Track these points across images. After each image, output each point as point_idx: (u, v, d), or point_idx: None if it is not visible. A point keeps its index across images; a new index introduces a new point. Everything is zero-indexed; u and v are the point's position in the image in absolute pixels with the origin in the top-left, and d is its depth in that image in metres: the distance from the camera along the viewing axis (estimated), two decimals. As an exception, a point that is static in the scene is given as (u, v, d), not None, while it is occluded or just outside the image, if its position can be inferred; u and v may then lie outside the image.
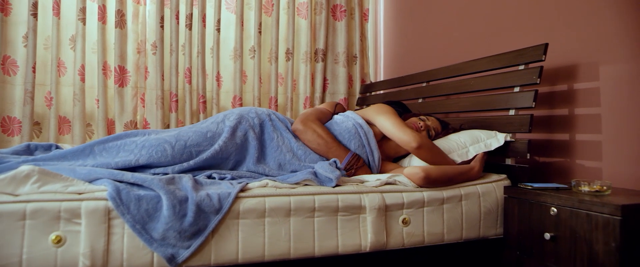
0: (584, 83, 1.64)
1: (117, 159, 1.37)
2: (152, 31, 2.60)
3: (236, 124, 1.55)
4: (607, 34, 1.56)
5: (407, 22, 2.89)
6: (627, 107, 1.50)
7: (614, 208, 1.12)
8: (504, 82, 1.71)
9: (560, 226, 1.27)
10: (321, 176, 1.41)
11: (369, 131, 1.65)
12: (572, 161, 1.69)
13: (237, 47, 2.76)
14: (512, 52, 1.72)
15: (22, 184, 1.12)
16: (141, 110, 2.62)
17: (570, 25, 1.69)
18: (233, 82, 2.81)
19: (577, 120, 1.67)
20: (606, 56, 1.56)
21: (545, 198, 1.31)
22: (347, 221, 1.36)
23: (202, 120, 1.63)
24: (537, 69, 1.57)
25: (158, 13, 2.54)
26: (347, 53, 3.05)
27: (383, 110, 1.68)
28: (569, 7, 1.70)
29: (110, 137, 1.44)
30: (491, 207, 1.53)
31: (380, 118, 1.65)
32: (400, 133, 1.54)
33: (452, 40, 2.40)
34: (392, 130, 1.56)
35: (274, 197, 1.29)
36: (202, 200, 1.19)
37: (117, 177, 1.20)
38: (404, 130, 1.53)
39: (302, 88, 2.99)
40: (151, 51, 2.59)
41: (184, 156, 1.44)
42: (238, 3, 2.76)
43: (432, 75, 2.26)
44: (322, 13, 2.98)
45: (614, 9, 1.54)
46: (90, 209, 1.12)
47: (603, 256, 1.15)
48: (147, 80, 2.61)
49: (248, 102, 2.87)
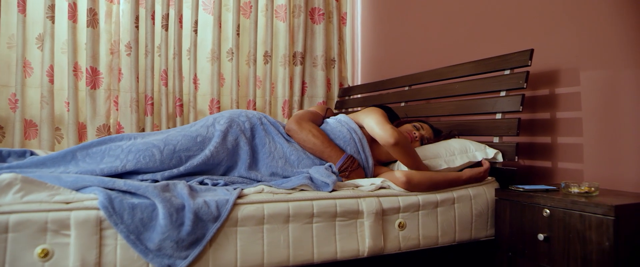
0: (565, 88, 1.71)
1: (102, 165, 1.30)
2: (126, 31, 2.49)
3: (227, 128, 1.49)
4: (588, 42, 1.63)
5: (385, 27, 2.92)
6: (607, 111, 1.57)
7: (608, 209, 1.16)
8: (490, 87, 1.75)
9: (553, 227, 1.30)
10: (317, 180, 1.39)
11: (362, 137, 1.63)
12: (554, 163, 1.75)
13: (214, 49, 2.70)
14: (497, 57, 1.76)
15: (2, 193, 1.03)
16: (115, 114, 2.50)
17: (551, 33, 1.75)
18: (210, 84, 2.74)
19: (559, 124, 1.73)
20: (587, 63, 1.63)
21: (538, 200, 1.35)
22: (345, 226, 1.34)
23: (191, 123, 1.56)
24: (523, 73, 1.62)
25: (133, 13, 2.44)
26: (326, 56, 3.05)
27: (371, 111, 1.66)
28: (550, 15, 1.76)
29: (94, 142, 1.36)
30: (482, 209, 1.56)
31: (366, 119, 1.61)
32: (379, 129, 1.49)
33: (431, 45, 2.44)
34: (373, 126, 1.52)
35: (272, 204, 1.25)
36: (199, 208, 1.14)
37: (108, 185, 1.13)
38: (383, 127, 1.49)
39: (280, 91, 2.96)
40: (125, 52, 2.48)
41: (173, 161, 1.37)
42: (216, 4, 2.70)
43: (414, 79, 2.28)
44: (300, 16, 2.96)
45: (594, 17, 1.61)
46: (81, 220, 1.04)
47: (597, 254, 1.19)
48: (121, 82, 2.49)
49: (226, 106, 2.81)
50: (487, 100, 1.76)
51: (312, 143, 1.56)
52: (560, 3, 1.73)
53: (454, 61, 2.18)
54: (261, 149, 1.53)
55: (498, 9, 2.01)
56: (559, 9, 1.73)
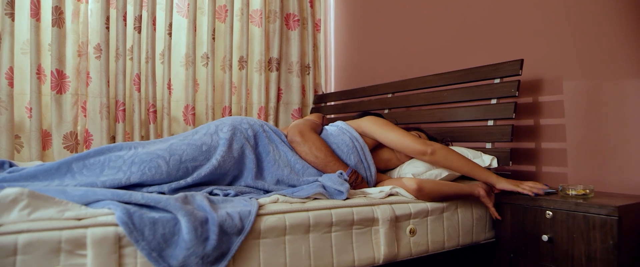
0: (548, 96, 1.82)
1: (103, 177, 1.19)
2: (95, 32, 2.32)
3: (231, 136, 1.43)
4: (570, 53, 1.74)
5: (359, 36, 2.96)
6: (589, 118, 1.69)
7: (612, 209, 1.24)
8: (481, 95, 1.82)
9: (556, 228, 1.37)
10: (330, 188, 1.37)
11: (364, 145, 1.62)
12: (539, 167, 1.85)
13: (189, 53, 2.59)
14: (487, 66, 1.84)
15: (7, 210, 0.91)
16: (82, 120, 2.32)
17: (534, 44, 1.86)
18: (185, 90, 2.62)
19: (543, 130, 1.84)
20: (569, 72, 1.75)
21: (540, 203, 1.41)
22: (361, 234, 1.33)
23: (190, 131, 1.47)
24: (515, 82, 1.70)
25: (103, 13, 2.29)
26: (301, 63, 3.03)
27: (382, 123, 1.64)
28: (533, 27, 1.87)
29: (90, 152, 1.25)
30: (482, 213, 1.61)
31: (383, 131, 1.61)
32: (412, 143, 1.53)
33: (403, 54, 2.50)
34: (403, 141, 1.55)
35: (293, 214, 1.22)
36: (224, 220, 1.08)
37: (124, 198, 1.04)
38: (414, 140, 1.54)
39: (255, 98, 2.89)
40: (94, 54, 2.31)
41: (180, 172, 1.29)
42: (191, 7, 2.59)
43: (398, 87, 2.33)
44: (275, 22, 2.92)
45: (576, 31, 1.73)
46: (98, 238, 0.95)
47: (601, 253, 1.27)
48: (90, 86, 2.32)
49: (201, 113, 2.70)
50: (478, 107, 1.83)
51: (314, 156, 1.52)
52: (543, 16, 1.84)
53: (430, 70, 2.26)
54: (266, 158, 1.48)
55: (479, 20, 2.10)
56: (542, 21, 1.84)
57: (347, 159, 1.57)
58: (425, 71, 2.33)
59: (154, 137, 2.45)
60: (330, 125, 1.71)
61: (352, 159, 1.57)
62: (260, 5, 2.88)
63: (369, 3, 2.88)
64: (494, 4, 2.04)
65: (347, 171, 1.53)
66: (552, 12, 1.81)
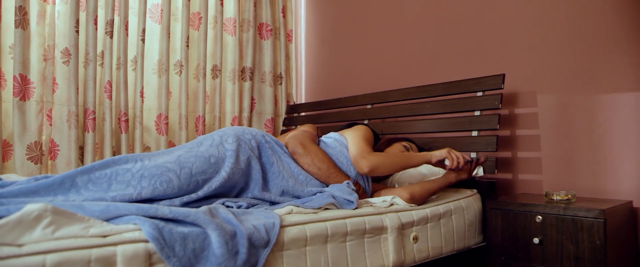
0: (524, 108, 1.96)
1: (112, 193, 1.12)
2: (63, 36, 2.17)
3: (237, 147, 1.40)
4: (544, 69, 1.90)
5: (330, 47, 3.00)
6: (561, 128, 1.85)
7: (598, 212, 1.36)
8: (464, 107, 1.93)
9: (546, 231, 1.48)
10: (339, 198, 1.38)
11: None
12: (515, 175, 1.99)
13: (162, 60, 2.50)
14: (470, 80, 1.95)
15: (30, 228, 0.83)
16: (48, 129, 2.14)
17: (511, 60, 2.00)
18: (157, 98, 2.52)
19: (518, 140, 1.98)
20: (543, 87, 1.90)
21: (530, 208, 1.52)
22: (372, 242, 1.35)
23: (193, 142, 1.42)
24: (498, 95, 1.82)
25: (72, 16, 2.14)
26: (273, 73, 3.02)
27: (357, 131, 1.68)
28: (510, 43, 2.02)
29: (95, 166, 1.17)
30: (472, 219, 1.70)
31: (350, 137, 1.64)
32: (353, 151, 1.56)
33: (379, 66, 2.59)
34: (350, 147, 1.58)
35: (312, 224, 1.22)
36: (252, 233, 1.05)
37: (150, 213, 0.98)
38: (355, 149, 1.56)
39: (229, 107, 2.84)
40: (61, 59, 2.16)
41: (191, 185, 1.25)
42: (164, 13, 2.51)
43: (378, 98, 2.39)
44: (249, 31, 2.90)
45: (549, 47, 1.89)
46: (129, 255, 0.89)
47: (589, 252, 1.39)
48: (56, 93, 2.16)
49: (174, 122, 2.60)
50: (462, 119, 1.93)
51: (317, 168, 1.53)
52: (518, 34, 1.99)
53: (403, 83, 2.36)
54: (270, 169, 1.47)
55: (454, 36, 2.23)
56: (517, 39, 1.99)
57: (347, 170, 1.59)
58: (397, 84, 2.42)
59: (125, 148, 2.32)
60: (325, 137, 1.73)
61: (351, 169, 1.60)
62: (234, 13, 2.84)
63: (340, 15, 2.94)
64: (470, 20, 2.17)
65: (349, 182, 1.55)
66: (527, 31, 1.96)
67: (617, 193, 1.68)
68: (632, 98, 1.66)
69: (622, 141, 1.68)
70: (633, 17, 1.67)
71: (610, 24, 1.72)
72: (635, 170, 1.65)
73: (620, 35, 1.69)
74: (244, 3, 2.91)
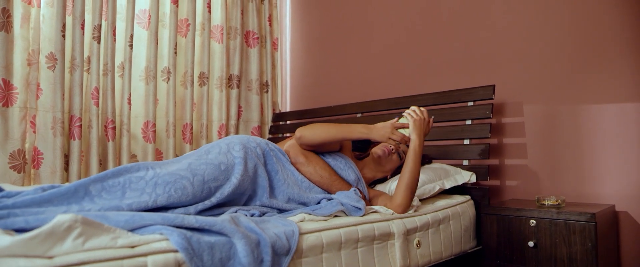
0: (511, 118, 2.06)
1: (128, 200, 1.10)
2: (48, 40, 2.10)
3: (245, 154, 1.40)
4: (530, 81, 2.00)
5: (315, 56, 3.04)
6: (546, 137, 1.95)
7: (590, 216, 1.45)
8: (457, 116, 2.00)
9: (540, 235, 1.56)
10: (347, 205, 1.41)
11: (349, 160, 1.69)
12: (503, 181, 2.08)
13: (150, 67, 2.45)
14: (461, 90, 2.03)
15: (60, 240, 0.81)
16: (31, 137, 2.05)
17: (498, 71, 2.10)
18: (145, 105, 2.46)
19: (506, 148, 2.07)
20: (529, 97, 2.00)
21: (524, 213, 1.60)
22: (380, 248, 1.38)
23: (201, 150, 1.40)
24: (489, 105, 1.90)
25: (58, 20, 2.08)
26: (260, 81, 3.02)
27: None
28: (497, 55, 2.11)
29: (108, 174, 1.14)
30: (467, 224, 1.76)
31: None
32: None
33: (364, 76, 2.64)
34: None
35: (328, 232, 1.23)
36: (275, 241, 1.06)
37: (176, 222, 0.97)
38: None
39: (216, 115, 2.82)
40: (46, 64, 2.08)
41: (204, 192, 1.24)
42: (152, 19, 2.47)
43: (368, 107, 2.44)
44: (236, 38, 2.89)
45: (534, 60, 1.99)
46: (160, 265, 0.88)
47: (581, 254, 1.47)
48: (40, 99, 2.07)
49: (161, 129, 2.55)
50: (454, 127, 2.00)
51: (319, 176, 1.56)
52: (504, 47, 2.09)
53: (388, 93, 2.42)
54: (275, 176, 1.48)
55: (443, 47, 2.31)
56: (505, 51, 2.09)
57: (347, 175, 1.62)
58: (384, 94, 2.48)
59: (112, 156, 2.26)
60: None
61: (350, 174, 1.63)
62: (222, 21, 2.83)
63: (325, 25, 2.98)
64: (459, 33, 2.26)
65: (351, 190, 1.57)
66: (514, 44, 2.06)
67: (600, 198, 1.79)
68: (613, 109, 1.78)
69: (604, 149, 1.79)
70: (613, 35, 1.79)
71: (592, 40, 1.84)
72: (616, 176, 1.76)
73: (602, 51, 1.82)
74: (231, 11, 2.90)
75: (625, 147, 1.74)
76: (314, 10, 3.09)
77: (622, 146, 1.75)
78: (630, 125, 1.74)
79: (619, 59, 1.77)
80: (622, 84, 1.76)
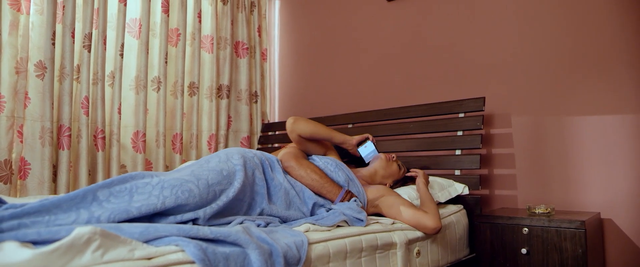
0: (499, 129, 2.13)
1: (136, 203, 1.10)
2: (37, 48, 2.06)
3: (244, 162, 1.43)
4: (517, 92, 2.08)
5: (304, 67, 3.06)
6: (533, 147, 2.03)
7: (580, 223, 1.52)
8: (448, 127, 2.06)
9: (532, 242, 1.61)
10: (349, 216, 1.43)
11: (340, 163, 1.73)
12: (492, 191, 2.14)
13: (140, 76, 2.43)
14: (452, 102, 2.09)
15: (80, 253, 0.80)
16: (18, 147, 2.00)
17: (487, 84, 2.17)
18: (135, 115, 2.43)
19: (495, 158, 2.13)
20: (517, 109, 2.08)
21: (517, 221, 1.65)
22: (382, 257, 1.41)
23: (201, 160, 1.42)
24: (480, 117, 1.97)
25: (48, 27, 2.04)
26: (249, 91, 3.03)
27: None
28: (486, 68, 2.19)
29: (115, 180, 1.14)
30: (462, 233, 1.80)
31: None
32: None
33: (352, 88, 2.69)
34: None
35: (334, 241, 1.25)
36: (286, 251, 1.07)
37: (191, 234, 0.97)
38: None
39: (206, 125, 2.80)
40: (35, 72, 2.04)
41: (210, 195, 1.26)
42: (144, 29, 2.45)
43: (359, 118, 2.47)
44: (226, 48, 2.90)
45: (522, 72, 2.07)
46: (178, 277, 0.88)
47: (572, 260, 1.53)
48: (28, 108, 2.02)
49: (151, 139, 2.52)
50: (445, 138, 2.05)
51: (311, 179, 1.60)
52: (493, 61, 2.17)
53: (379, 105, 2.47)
54: (271, 183, 1.51)
55: (433, 60, 2.38)
56: (492, 65, 2.16)
57: (337, 178, 1.66)
58: (374, 106, 2.53)
59: (101, 167, 2.21)
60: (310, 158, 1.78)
61: (340, 175, 1.66)
62: (212, 31, 2.83)
63: (314, 36, 3.02)
64: (448, 46, 2.33)
65: (341, 192, 1.61)
66: (501, 58, 2.14)
67: (586, 206, 1.86)
68: (597, 120, 1.87)
69: (588, 159, 1.88)
70: (596, 51, 1.89)
71: (576, 56, 1.94)
72: (601, 185, 1.84)
73: (585, 66, 1.91)
74: (222, 21, 2.91)
75: (609, 157, 1.83)
76: (303, 21, 3.13)
77: (606, 156, 1.84)
78: (612, 136, 1.83)
79: (601, 74, 1.87)
80: (604, 97, 1.85)
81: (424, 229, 1.53)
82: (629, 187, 1.78)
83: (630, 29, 1.81)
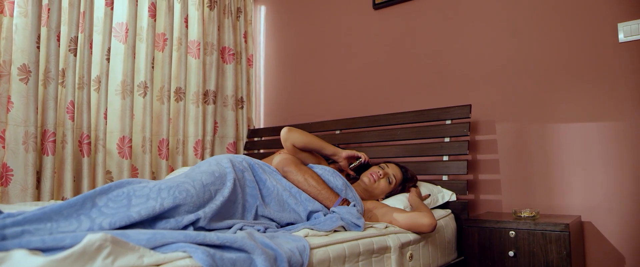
0: (484, 135, 2.20)
1: (136, 207, 1.09)
2: (21, 51, 2.01)
3: (232, 165, 1.45)
4: (502, 101, 2.15)
5: (289, 74, 3.08)
6: (517, 153, 2.10)
7: (564, 226, 1.58)
8: (435, 134, 2.11)
9: (519, 245, 1.67)
10: (346, 220, 1.45)
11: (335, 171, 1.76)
12: (477, 196, 2.20)
13: (127, 81, 2.40)
14: (439, 109, 2.15)
15: (91, 260, 0.79)
16: (0, 152, 1.94)
17: (472, 92, 2.24)
18: (121, 120, 2.40)
19: (479, 164, 2.20)
20: (501, 116, 2.15)
21: (504, 225, 1.71)
22: (378, 261, 1.43)
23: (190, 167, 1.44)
24: (466, 124, 2.03)
25: (33, 30, 2.00)
26: (235, 97, 3.02)
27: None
28: (471, 77, 2.26)
29: (112, 186, 1.13)
30: (450, 236, 1.85)
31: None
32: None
33: (340, 94, 2.73)
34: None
35: (333, 246, 1.27)
36: (290, 256, 1.08)
37: (198, 240, 0.97)
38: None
39: (192, 130, 2.78)
40: (18, 76, 1.99)
41: (206, 195, 1.27)
42: (130, 33, 2.42)
43: (347, 124, 2.51)
44: (213, 54, 2.89)
45: (506, 81, 2.15)
46: (187, 283, 0.88)
47: (557, 261, 1.59)
48: (10, 113, 1.97)
49: (137, 145, 2.48)
50: (434, 144, 2.11)
51: (308, 184, 1.61)
52: (478, 69, 2.24)
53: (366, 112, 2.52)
54: (264, 185, 1.52)
55: (418, 68, 2.44)
56: (477, 73, 2.24)
57: (335, 184, 1.68)
58: (361, 112, 2.57)
59: (87, 173, 2.17)
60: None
61: (338, 181, 1.69)
62: (198, 36, 2.82)
63: (300, 43, 3.04)
64: (434, 54, 2.40)
65: (338, 199, 1.63)
66: (486, 66, 2.22)
67: (567, 209, 1.94)
68: (577, 128, 1.95)
69: (569, 164, 1.96)
70: (577, 61, 1.98)
71: (557, 66, 2.02)
72: (581, 189, 1.93)
73: (566, 76, 2.00)
74: (208, 26, 2.90)
75: (588, 163, 1.92)
76: (289, 28, 3.15)
77: (586, 161, 1.92)
78: (592, 143, 1.92)
79: (581, 83, 1.96)
80: (584, 105, 1.94)
81: (421, 227, 1.56)
82: (607, 191, 1.87)
83: (602, 42, 1.91)
